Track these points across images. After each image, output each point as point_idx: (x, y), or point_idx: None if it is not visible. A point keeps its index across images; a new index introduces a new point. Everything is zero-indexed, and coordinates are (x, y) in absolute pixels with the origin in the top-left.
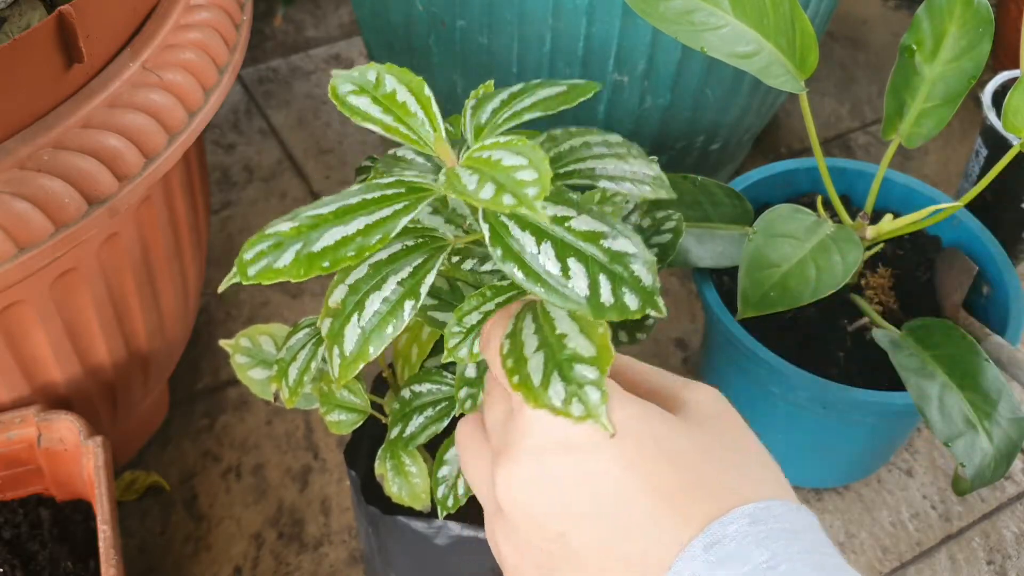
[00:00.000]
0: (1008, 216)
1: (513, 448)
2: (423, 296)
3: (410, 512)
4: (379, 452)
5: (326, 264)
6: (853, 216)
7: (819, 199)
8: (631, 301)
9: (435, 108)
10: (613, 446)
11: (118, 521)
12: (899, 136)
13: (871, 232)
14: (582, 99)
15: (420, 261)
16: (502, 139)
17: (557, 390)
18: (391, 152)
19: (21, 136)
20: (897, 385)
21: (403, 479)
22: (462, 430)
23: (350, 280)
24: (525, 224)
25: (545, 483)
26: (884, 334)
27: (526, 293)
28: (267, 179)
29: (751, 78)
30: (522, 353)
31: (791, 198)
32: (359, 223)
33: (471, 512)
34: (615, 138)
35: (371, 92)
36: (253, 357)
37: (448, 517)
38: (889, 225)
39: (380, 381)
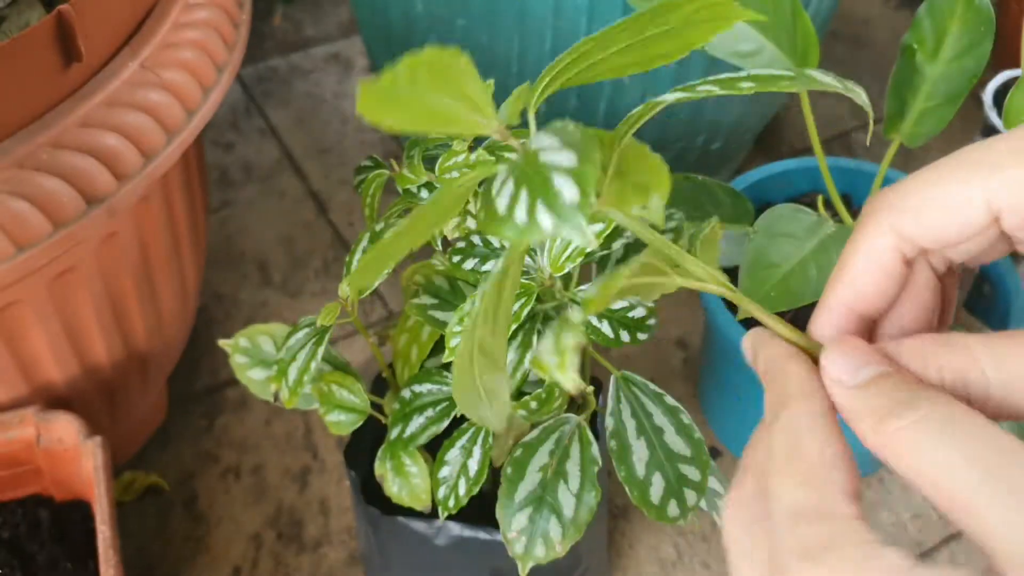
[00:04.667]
0: None
1: None
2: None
3: (410, 512)
4: (379, 452)
5: None
6: (854, 216)
7: (820, 198)
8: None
9: None
10: None
11: (117, 521)
12: (900, 135)
13: None
14: None
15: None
16: None
17: None
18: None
19: (19, 135)
20: None
21: (403, 479)
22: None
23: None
24: None
25: None
26: None
27: (526, 292)
28: (266, 178)
29: None
30: None
31: (792, 197)
32: None
33: (471, 513)
34: None
35: None
36: (252, 357)
37: (448, 517)
38: None
39: (380, 381)
